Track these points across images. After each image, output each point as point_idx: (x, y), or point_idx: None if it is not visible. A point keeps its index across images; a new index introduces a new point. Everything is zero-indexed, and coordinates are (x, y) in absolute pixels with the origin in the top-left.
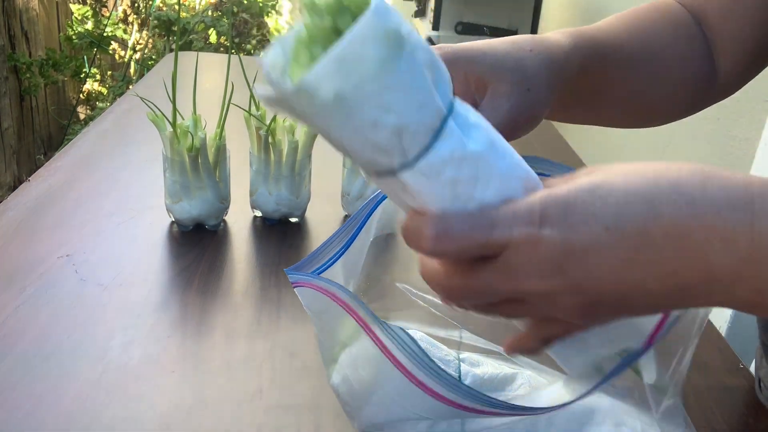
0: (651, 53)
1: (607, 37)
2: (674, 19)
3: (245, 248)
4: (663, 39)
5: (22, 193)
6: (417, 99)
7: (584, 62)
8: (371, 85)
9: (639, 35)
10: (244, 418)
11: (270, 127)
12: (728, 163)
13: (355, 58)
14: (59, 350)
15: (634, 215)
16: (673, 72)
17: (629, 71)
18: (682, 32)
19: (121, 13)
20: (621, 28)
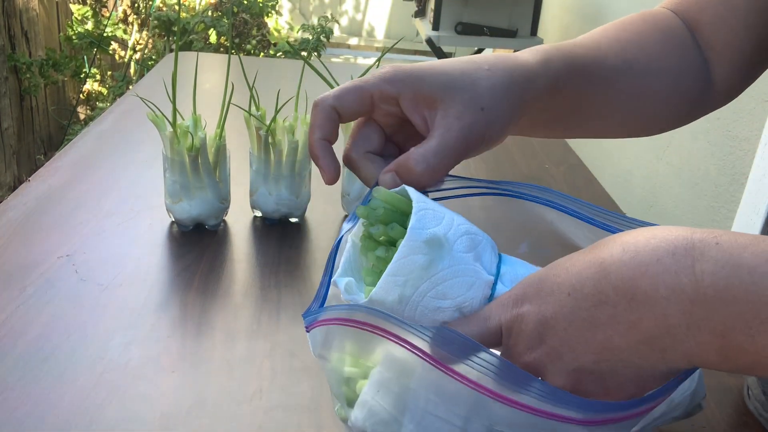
0: (637, 66)
1: (586, 52)
2: (665, 29)
3: (245, 248)
4: (651, 51)
5: (22, 193)
6: (466, 282)
7: (556, 80)
8: (425, 284)
9: (623, 48)
10: (244, 418)
11: (270, 127)
12: (728, 163)
13: (406, 270)
14: (59, 350)
15: (589, 277)
16: (662, 84)
17: (612, 85)
18: (673, 43)
19: (121, 13)
20: (603, 42)
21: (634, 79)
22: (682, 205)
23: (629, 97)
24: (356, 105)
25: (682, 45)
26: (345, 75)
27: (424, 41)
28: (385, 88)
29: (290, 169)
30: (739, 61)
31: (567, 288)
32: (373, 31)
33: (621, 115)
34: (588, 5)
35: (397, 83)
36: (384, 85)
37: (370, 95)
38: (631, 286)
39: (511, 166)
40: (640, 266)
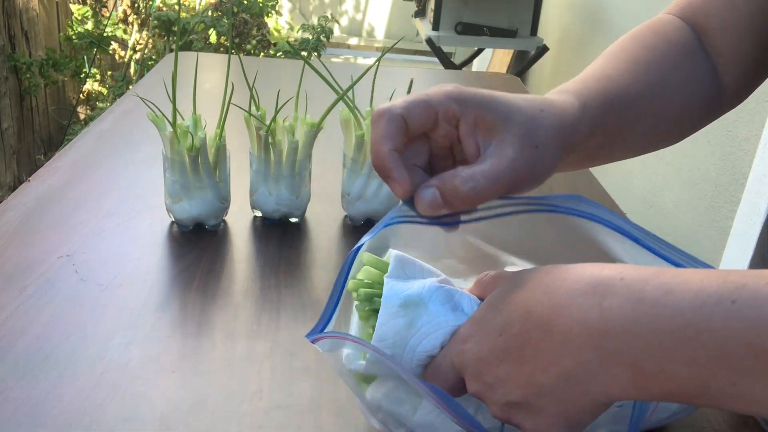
0: (657, 85)
1: (615, 86)
2: (675, 40)
3: (245, 248)
4: (667, 66)
5: (22, 193)
6: (448, 331)
7: (594, 125)
8: (412, 340)
9: (644, 70)
10: (244, 418)
11: (270, 127)
12: (728, 163)
13: (390, 333)
14: (59, 350)
15: (516, 319)
16: (679, 96)
17: (637, 113)
18: (685, 53)
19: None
20: (623, 68)
21: (656, 99)
22: (682, 205)
23: (652, 118)
24: (423, 119)
25: (693, 54)
26: (345, 75)
27: (424, 41)
28: (451, 106)
29: (290, 169)
30: (745, 64)
31: (499, 328)
32: (373, 31)
33: (645, 137)
34: (588, 5)
35: (462, 103)
36: (451, 103)
37: (435, 111)
38: (549, 326)
39: None
40: (557, 307)
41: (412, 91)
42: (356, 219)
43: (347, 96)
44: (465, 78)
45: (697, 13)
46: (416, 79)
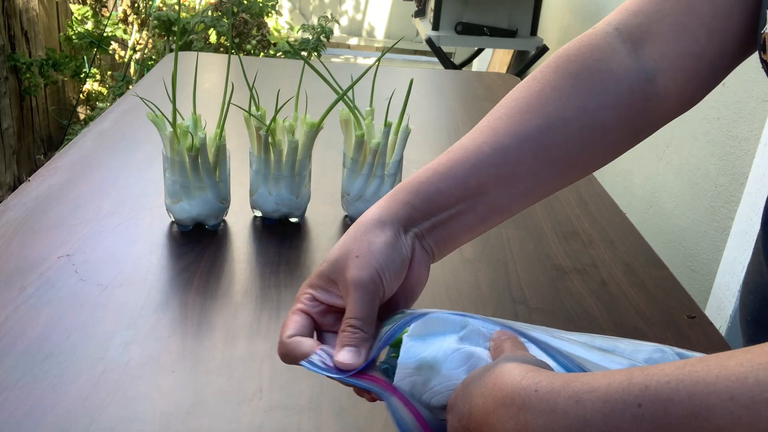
0: (544, 124)
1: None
2: (574, 71)
3: (245, 248)
4: (561, 99)
5: (22, 193)
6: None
7: (435, 206)
8: (426, 395)
9: (524, 115)
10: (244, 418)
11: (270, 127)
12: (728, 163)
13: (407, 387)
14: (59, 350)
15: (463, 414)
16: (584, 123)
17: (520, 157)
18: (586, 81)
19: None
20: (492, 125)
21: (548, 136)
22: (682, 205)
23: (553, 151)
24: (307, 327)
25: (602, 78)
26: (345, 75)
27: (424, 41)
28: (308, 301)
29: (290, 169)
30: (697, 68)
31: (458, 416)
32: (373, 31)
33: (553, 169)
34: (588, 5)
35: (313, 292)
36: (307, 301)
37: (306, 313)
38: (481, 428)
39: None
40: (485, 414)
41: (411, 91)
42: (356, 219)
43: (347, 96)
44: (465, 78)
45: (645, 20)
46: (416, 79)
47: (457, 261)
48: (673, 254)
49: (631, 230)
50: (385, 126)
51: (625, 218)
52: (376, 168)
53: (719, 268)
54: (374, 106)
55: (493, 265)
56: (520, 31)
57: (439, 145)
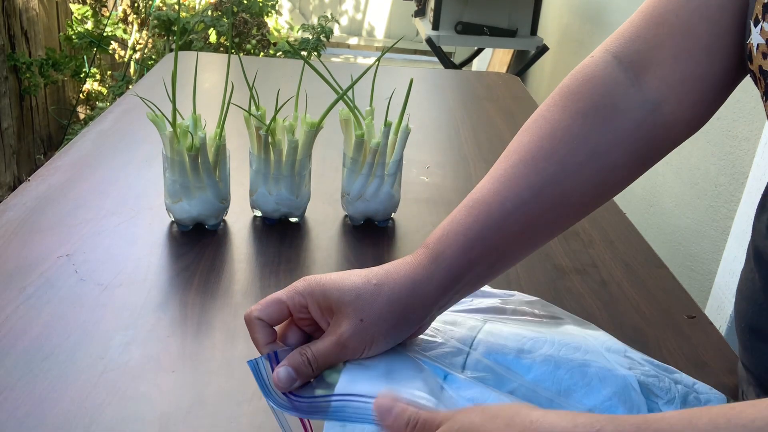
0: (559, 170)
1: (490, 204)
2: (582, 109)
3: (245, 248)
4: (567, 147)
5: (22, 193)
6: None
7: (463, 261)
8: None
9: (538, 164)
10: (244, 418)
11: (270, 127)
12: (728, 163)
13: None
14: (59, 350)
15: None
16: (595, 163)
17: (540, 206)
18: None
19: (121, 13)
20: (504, 177)
21: (564, 190)
22: (682, 205)
23: (569, 196)
24: (277, 314)
25: (611, 117)
26: (345, 75)
27: (424, 41)
28: (296, 299)
29: (290, 168)
30: (701, 90)
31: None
32: (373, 30)
33: (572, 209)
34: (588, 5)
35: (306, 295)
36: (297, 297)
37: (286, 305)
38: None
39: None
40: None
41: (411, 91)
42: (356, 219)
43: (347, 96)
44: (465, 78)
45: (644, 47)
46: (416, 79)
47: None
48: (673, 254)
49: (631, 230)
50: (385, 126)
51: (625, 218)
52: (376, 168)
53: (719, 268)
54: (374, 106)
55: None
56: (520, 31)
57: (439, 145)
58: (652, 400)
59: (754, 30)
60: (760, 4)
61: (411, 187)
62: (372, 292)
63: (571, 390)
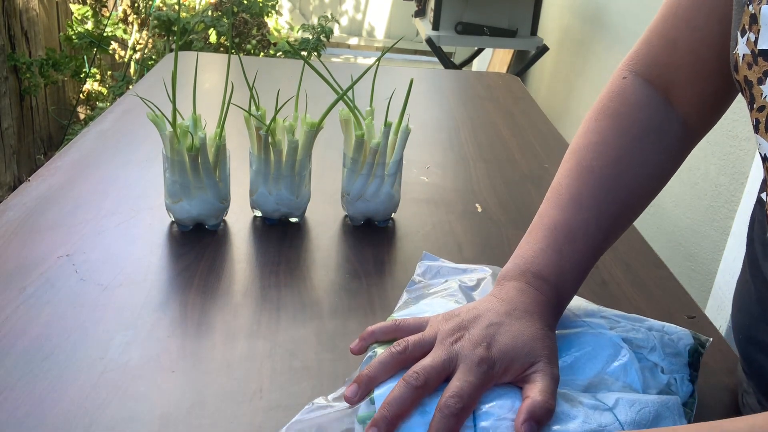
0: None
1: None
2: (627, 126)
3: (245, 248)
4: (626, 161)
5: (22, 193)
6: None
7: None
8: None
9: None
10: (244, 418)
11: (270, 127)
12: (728, 163)
13: None
14: (59, 350)
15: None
16: (645, 173)
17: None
18: (640, 134)
19: (121, 13)
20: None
21: (616, 200)
22: (682, 205)
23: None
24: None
25: (649, 127)
26: (345, 75)
27: (424, 41)
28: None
29: (290, 169)
30: (716, 104)
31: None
32: (373, 31)
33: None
34: (588, 5)
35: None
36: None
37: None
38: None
39: (511, 166)
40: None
41: (411, 91)
42: (356, 219)
43: (347, 96)
44: (465, 78)
45: (664, 71)
46: (416, 79)
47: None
48: (673, 254)
49: (631, 230)
50: (385, 126)
51: None
52: (376, 168)
53: (719, 268)
54: (374, 106)
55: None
56: (520, 31)
57: (439, 145)
58: (638, 352)
59: (740, 40)
60: (747, 15)
61: (411, 187)
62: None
63: (575, 365)
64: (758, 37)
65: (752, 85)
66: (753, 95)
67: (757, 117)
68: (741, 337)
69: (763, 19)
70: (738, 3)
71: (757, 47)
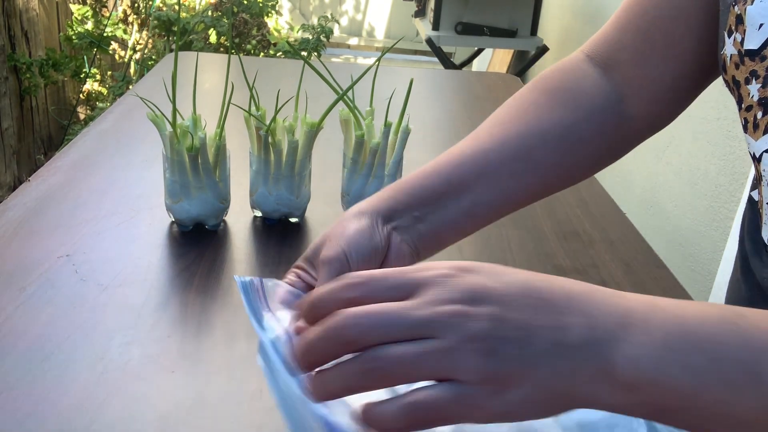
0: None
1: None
2: (552, 89)
3: (245, 248)
4: (535, 120)
5: (22, 193)
6: None
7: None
8: None
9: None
10: (244, 418)
11: (270, 127)
12: (728, 163)
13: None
14: (59, 350)
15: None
16: (563, 142)
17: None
18: (563, 99)
19: (121, 13)
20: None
21: (528, 146)
22: (682, 205)
23: (540, 170)
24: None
25: (576, 96)
26: (345, 75)
27: (424, 41)
28: (296, 280)
29: (290, 169)
30: (659, 92)
31: (526, 277)
32: (373, 31)
33: (539, 185)
34: (588, 5)
35: (302, 271)
36: (295, 279)
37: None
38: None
39: None
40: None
41: (412, 91)
42: None
43: (347, 96)
44: (465, 78)
45: (611, 48)
46: (416, 79)
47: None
48: (673, 254)
49: (631, 230)
50: (385, 126)
51: (625, 218)
52: (376, 168)
53: (719, 268)
54: (374, 106)
55: None
56: (520, 31)
57: (439, 145)
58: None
59: (727, 41)
60: (733, 16)
61: None
62: (329, 230)
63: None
64: (744, 37)
65: (740, 85)
66: (741, 95)
67: (746, 116)
68: None
69: (749, 19)
70: (724, 4)
71: (743, 47)
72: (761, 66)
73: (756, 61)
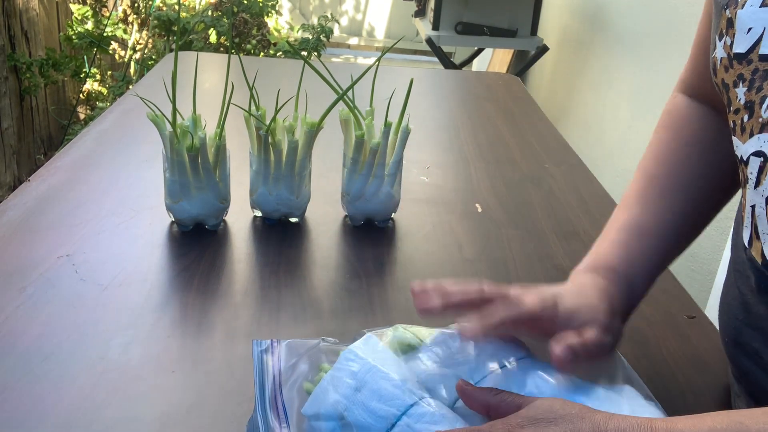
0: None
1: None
2: (689, 139)
3: (245, 248)
4: (690, 173)
5: (22, 193)
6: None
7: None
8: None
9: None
10: (244, 418)
11: (270, 127)
12: None
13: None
14: (59, 350)
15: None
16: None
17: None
18: (697, 145)
19: (121, 13)
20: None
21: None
22: None
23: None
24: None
25: (704, 138)
26: (345, 75)
27: (424, 41)
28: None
29: (290, 169)
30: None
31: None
32: (373, 31)
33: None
34: (588, 5)
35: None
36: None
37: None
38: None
39: (511, 166)
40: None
41: (412, 91)
42: (356, 219)
43: (347, 96)
44: (465, 78)
45: (701, 79)
46: (416, 79)
47: (457, 261)
48: None
49: None
50: (385, 126)
51: None
52: (376, 168)
53: (719, 268)
54: (374, 106)
55: (493, 265)
56: (520, 31)
57: (439, 145)
58: None
59: (718, 44)
60: (724, 19)
61: (411, 187)
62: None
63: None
64: (733, 40)
65: (729, 88)
66: (730, 98)
67: (734, 119)
68: (727, 340)
69: (739, 23)
70: (717, 7)
71: (733, 51)
72: (747, 69)
73: (743, 65)
